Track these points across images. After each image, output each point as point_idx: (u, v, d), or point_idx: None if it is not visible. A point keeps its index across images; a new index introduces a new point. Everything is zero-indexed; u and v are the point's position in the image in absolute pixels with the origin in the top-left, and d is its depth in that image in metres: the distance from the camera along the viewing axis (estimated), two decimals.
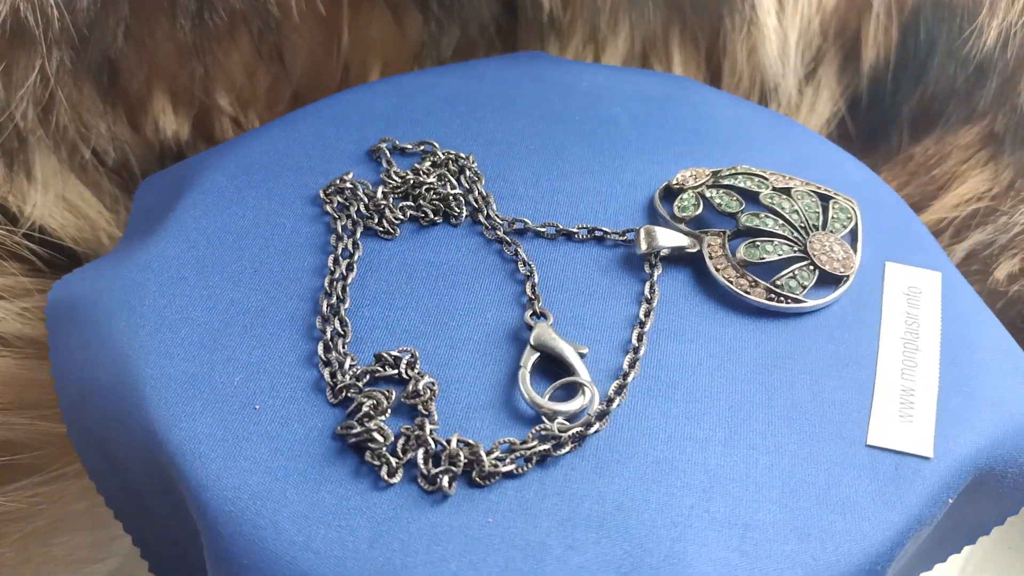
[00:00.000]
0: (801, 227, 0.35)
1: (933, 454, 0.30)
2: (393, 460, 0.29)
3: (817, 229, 0.36)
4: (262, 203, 0.37)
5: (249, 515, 0.28)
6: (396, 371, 0.32)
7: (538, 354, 0.32)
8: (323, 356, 0.32)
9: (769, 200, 0.36)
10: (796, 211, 0.36)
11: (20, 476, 0.40)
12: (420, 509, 0.29)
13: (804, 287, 0.34)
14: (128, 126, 0.48)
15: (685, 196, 0.36)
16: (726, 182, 0.37)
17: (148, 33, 0.46)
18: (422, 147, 0.39)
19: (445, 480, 0.29)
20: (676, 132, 0.40)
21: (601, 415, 0.31)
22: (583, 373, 0.31)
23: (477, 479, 0.29)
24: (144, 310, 0.33)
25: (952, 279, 0.36)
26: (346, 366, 0.32)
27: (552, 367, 0.32)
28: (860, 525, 0.29)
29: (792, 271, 0.34)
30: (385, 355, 0.32)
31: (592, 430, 0.30)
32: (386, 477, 0.29)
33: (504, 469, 0.29)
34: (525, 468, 0.29)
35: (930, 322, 0.34)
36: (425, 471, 0.29)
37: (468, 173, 0.38)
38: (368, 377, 0.32)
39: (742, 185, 0.37)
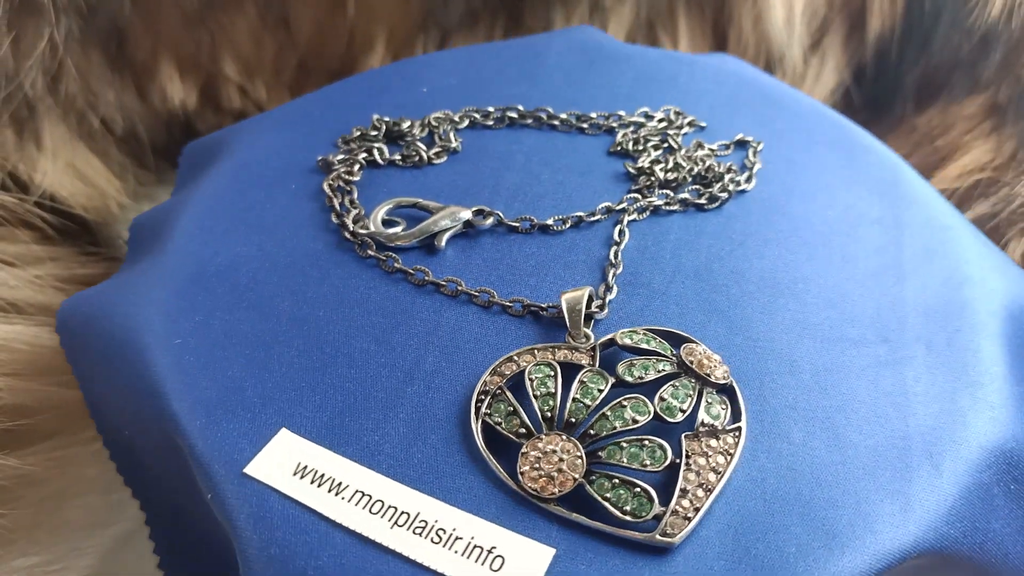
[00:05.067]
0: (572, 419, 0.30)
1: None
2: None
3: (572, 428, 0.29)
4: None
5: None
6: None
7: (432, 215, 0.37)
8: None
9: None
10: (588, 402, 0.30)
11: (34, 440, 0.40)
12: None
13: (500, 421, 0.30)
14: (136, 94, 0.49)
15: (637, 334, 0.32)
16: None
17: (155, 1, 0.46)
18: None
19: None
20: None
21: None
22: (417, 225, 0.36)
23: None
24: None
25: None
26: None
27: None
28: None
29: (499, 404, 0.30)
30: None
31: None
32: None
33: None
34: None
35: None
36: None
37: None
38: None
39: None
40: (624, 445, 0.29)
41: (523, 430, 0.30)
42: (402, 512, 0.28)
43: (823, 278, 0.36)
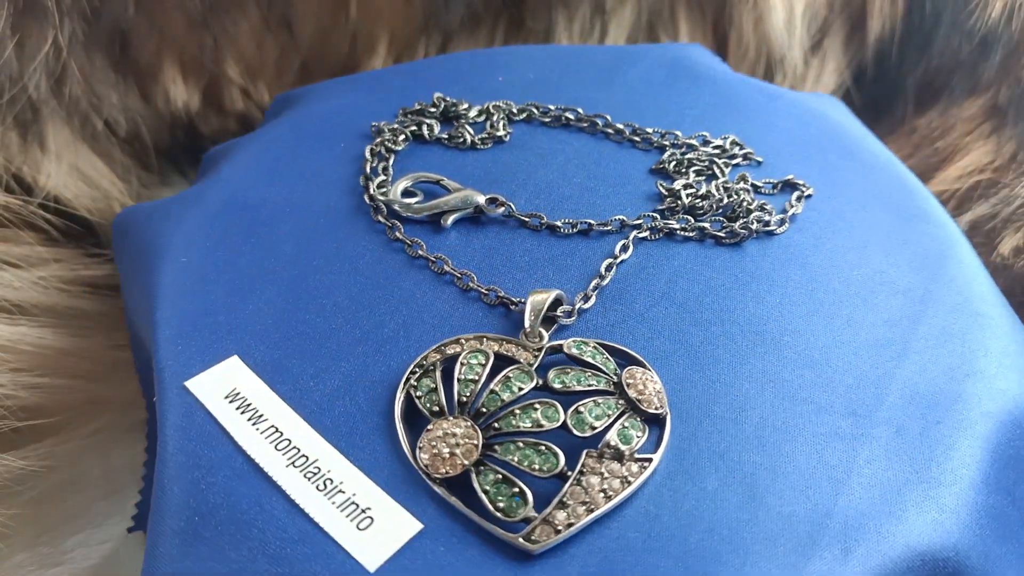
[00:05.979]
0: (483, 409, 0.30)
1: None
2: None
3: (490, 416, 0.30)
4: None
5: None
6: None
7: (448, 195, 0.38)
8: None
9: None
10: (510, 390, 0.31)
11: (37, 440, 0.40)
12: None
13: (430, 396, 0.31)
14: (139, 96, 0.49)
15: (587, 346, 0.32)
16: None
17: (158, 4, 0.46)
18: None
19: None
20: None
21: None
22: (430, 201, 0.38)
23: None
24: None
25: None
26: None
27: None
28: None
29: (423, 383, 0.31)
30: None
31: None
32: None
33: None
34: None
35: None
36: None
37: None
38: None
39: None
40: (521, 445, 0.29)
41: (437, 408, 0.30)
42: (302, 455, 0.30)
43: (815, 337, 0.34)
